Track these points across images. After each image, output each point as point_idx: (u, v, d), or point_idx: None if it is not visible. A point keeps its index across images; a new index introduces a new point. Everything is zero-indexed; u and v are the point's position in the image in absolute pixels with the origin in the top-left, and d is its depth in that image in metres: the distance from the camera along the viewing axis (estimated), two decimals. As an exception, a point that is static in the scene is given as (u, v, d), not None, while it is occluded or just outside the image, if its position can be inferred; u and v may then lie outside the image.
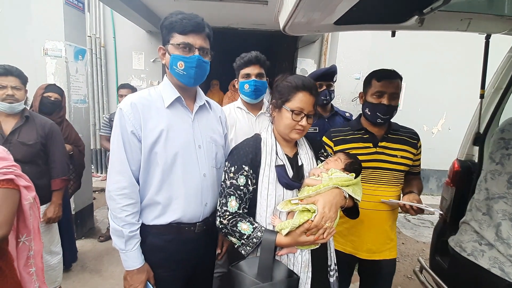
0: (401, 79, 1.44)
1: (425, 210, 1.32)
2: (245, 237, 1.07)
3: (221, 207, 1.13)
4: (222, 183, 1.17)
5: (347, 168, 1.19)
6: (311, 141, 1.32)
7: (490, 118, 1.94)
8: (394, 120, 1.53)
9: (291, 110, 1.11)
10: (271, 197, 1.11)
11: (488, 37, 1.63)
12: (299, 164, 1.20)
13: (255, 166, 1.14)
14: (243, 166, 1.13)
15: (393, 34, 1.62)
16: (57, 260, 2.02)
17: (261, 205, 1.12)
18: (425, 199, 1.39)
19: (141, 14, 3.90)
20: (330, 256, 1.23)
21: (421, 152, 1.55)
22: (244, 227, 1.07)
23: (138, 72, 5.14)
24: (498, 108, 1.92)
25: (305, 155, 1.23)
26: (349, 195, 1.12)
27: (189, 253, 1.24)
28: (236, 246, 1.11)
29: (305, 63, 5.16)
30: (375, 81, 1.44)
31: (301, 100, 1.12)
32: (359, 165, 1.24)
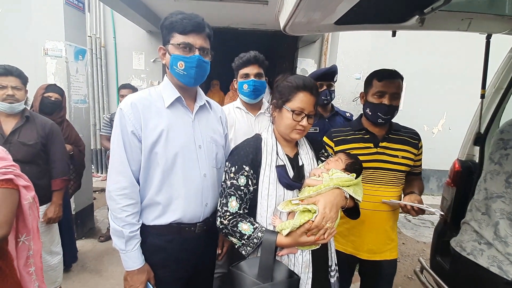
0: (402, 79, 1.44)
1: (426, 210, 1.32)
2: (245, 237, 1.07)
3: (221, 207, 1.13)
4: (222, 183, 1.17)
5: (348, 169, 1.18)
6: (312, 141, 1.32)
7: (490, 118, 1.94)
8: (394, 120, 1.53)
9: (292, 110, 1.11)
10: (272, 197, 1.11)
11: (489, 37, 1.63)
12: (300, 164, 1.20)
13: (256, 166, 1.14)
14: (244, 166, 1.13)
15: (394, 34, 1.62)
16: (57, 260, 2.02)
17: (262, 206, 1.12)
18: (426, 199, 1.40)
19: (141, 14, 3.91)
20: (331, 256, 1.23)
21: (422, 152, 1.54)
22: (245, 227, 1.07)
23: (138, 72, 5.14)
24: (499, 108, 1.92)
25: (306, 155, 1.23)
26: (349, 195, 1.12)
27: (190, 253, 1.24)
28: (236, 247, 1.11)
29: (306, 63, 5.16)
30: (376, 81, 1.44)
31: (301, 100, 1.11)
32: (359, 165, 1.23)
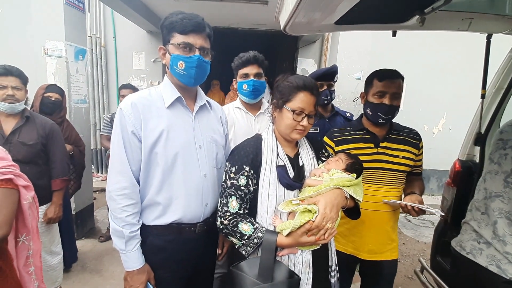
0: (402, 79, 1.43)
1: (427, 211, 1.31)
2: (246, 237, 1.06)
3: (221, 208, 1.13)
4: (222, 183, 1.17)
5: (348, 169, 1.18)
6: (312, 141, 1.32)
7: (491, 118, 1.93)
8: (395, 120, 1.53)
9: (292, 110, 1.11)
10: (272, 197, 1.11)
11: (489, 37, 1.63)
12: (300, 164, 1.20)
13: (256, 166, 1.13)
14: (244, 166, 1.12)
15: (394, 34, 1.62)
16: (58, 260, 2.02)
17: (262, 206, 1.11)
18: (426, 199, 1.40)
19: (142, 14, 3.90)
20: (331, 256, 1.23)
21: (423, 152, 1.54)
22: (245, 227, 1.07)
23: (138, 72, 5.14)
24: (499, 108, 1.91)
25: (306, 155, 1.23)
26: (350, 195, 1.12)
27: (190, 254, 1.24)
28: (236, 247, 1.11)
29: (306, 63, 5.15)
30: (376, 81, 1.43)
31: (302, 100, 1.11)
32: (360, 165, 1.23)
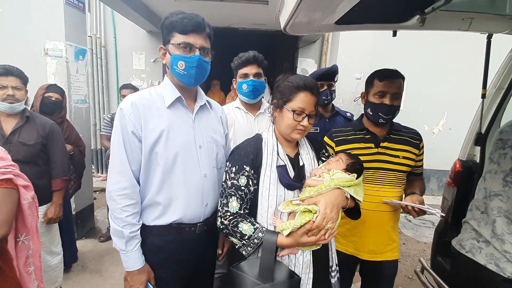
0: (403, 79, 1.43)
1: (427, 211, 1.31)
2: (246, 237, 1.06)
3: (222, 208, 1.13)
4: (223, 183, 1.17)
5: (349, 169, 1.18)
6: (312, 141, 1.31)
7: (491, 118, 1.93)
8: (395, 120, 1.53)
9: (293, 110, 1.11)
10: (272, 197, 1.10)
11: (489, 37, 1.63)
12: (301, 164, 1.19)
13: (256, 166, 1.13)
14: (244, 166, 1.12)
15: (394, 33, 1.62)
16: (58, 261, 2.02)
17: (262, 206, 1.11)
18: (426, 199, 1.40)
19: (142, 14, 3.90)
20: (332, 257, 1.23)
21: (423, 152, 1.54)
22: (245, 227, 1.07)
23: (138, 72, 5.14)
24: (500, 108, 1.91)
25: (307, 156, 1.23)
26: (350, 195, 1.11)
27: (190, 254, 1.23)
28: (237, 247, 1.11)
29: (306, 63, 5.15)
30: (377, 81, 1.43)
31: (302, 100, 1.11)
32: (360, 165, 1.23)
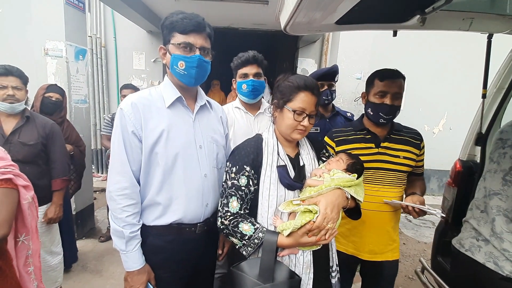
0: (404, 79, 1.43)
1: (427, 212, 1.31)
2: (246, 237, 1.06)
3: (222, 208, 1.12)
4: (223, 183, 1.16)
5: (349, 169, 1.18)
6: (313, 141, 1.31)
7: (492, 118, 1.93)
8: (395, 120, 1.52)
9: (293, 110, 1.11)
10: (273, 197, 1.10)
11: (490, 37, 1.63)
12: (301, 164, 1.19)
13: (257, 166, 1.13)
14: (245, 166, 1.12)
15: (395, 33, 1.62)
16: (58, 261, 2.02)
17: (263, 206, 1.11)
18: (426, 199, 1.41)
19: (142, 14, 3.90)
20: (332, 257, 1.23)
21: (424, 152, 1.54)
22: (246, 227, 1.07)
23: (138, 72, 5.14)
24: (500, 108, 1.91)
25: (307, 156, 1.22)
26: (351, 195, 1.11)
27: (190, 254, 1.23)
28: (237, 247, 1.11)
29: (306, 63, 5.15)
30: (377, 81, 1.43)
31: (303, 100, 1.11)
32: (361, 165, 1.23)
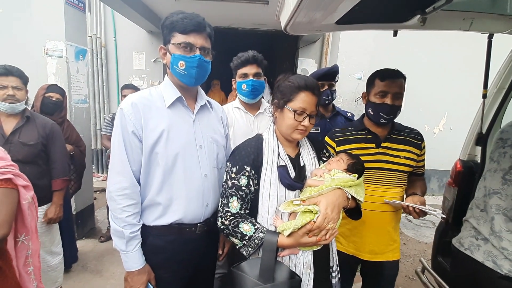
0: (404, 79, 1.43)
1: (428, 212, 1.31)
2: (246, 238, 1.06)
3: (222, 208, 1.12)
4: (223, 183, 1.16)
5: (350, 169, 1.17)
6: (313, 141, 1.31)
7: (492, 118, 1.93)
8: (396, 120, 1.52)
9: (294, 110, 1.10)
10: (273, 197, 1.10)
11: (490, 37, 1.62)
12: (301, 164, 1.19)
13: (257, 166, 1.13)
14: (245, 166, 1.12)
15: (395, 33, 1.62)
16: (58, 261, 2.01)
17: (263, 206, 1.11)
18: (427, 199, 1.41)
19: (142, 14, 3.90)
20: (332, 257, 1.23)
21: (425, 153, 1.53)
22: (246, 227, 1.07)
23: (139, 72, 5.14)
24: (501, 108, 1.91)
25: (307, 156, 1.22)
26: (351, 196, 1.11)
27: (190, 254, 1.23)
28: (237, 247, 1.10)
29: (306, 63, 5.15)
30: (378, 81, 1.43)
31: (303, 100, 1.11)
32: (361, 165, 1.23)
